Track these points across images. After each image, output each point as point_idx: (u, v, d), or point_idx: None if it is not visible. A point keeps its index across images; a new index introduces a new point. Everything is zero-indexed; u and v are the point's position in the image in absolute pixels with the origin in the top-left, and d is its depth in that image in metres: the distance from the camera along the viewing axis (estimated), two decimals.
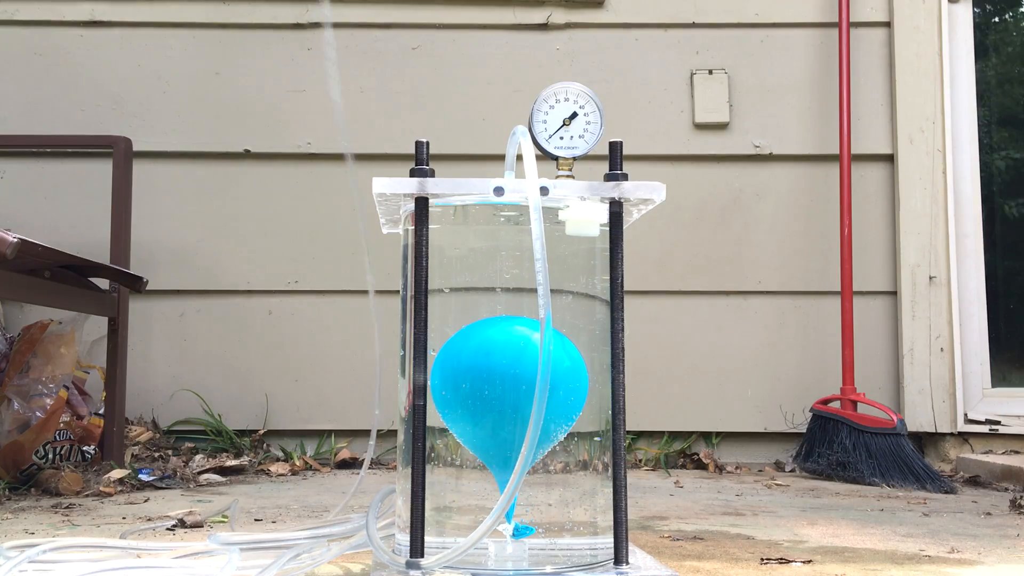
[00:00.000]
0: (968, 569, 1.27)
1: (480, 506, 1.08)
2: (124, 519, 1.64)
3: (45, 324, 2.23)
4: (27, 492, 1.96)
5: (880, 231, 2.65)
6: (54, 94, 2.67)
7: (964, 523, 1.68)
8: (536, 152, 1.07)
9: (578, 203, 1.09)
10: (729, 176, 2.68)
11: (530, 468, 1.06)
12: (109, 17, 2.69)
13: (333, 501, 1.88)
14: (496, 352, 1.03)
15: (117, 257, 2.35)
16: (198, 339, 2.62)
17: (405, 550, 1.04)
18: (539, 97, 1.13)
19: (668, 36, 2.71)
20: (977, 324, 2.66)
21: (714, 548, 1.41)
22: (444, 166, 1.15)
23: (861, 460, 2.26)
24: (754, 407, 2.61)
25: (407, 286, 1.12)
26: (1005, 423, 2.55)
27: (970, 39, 2.75)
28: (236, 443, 2.51)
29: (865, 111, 2.67)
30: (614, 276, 1.10)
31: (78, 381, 2.31)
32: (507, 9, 2.71)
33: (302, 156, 2.66)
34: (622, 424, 1.08)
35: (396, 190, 1.08)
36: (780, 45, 2.71)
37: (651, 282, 2.64)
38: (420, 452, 1.04)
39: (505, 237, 1.11)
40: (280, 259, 2.65)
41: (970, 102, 2.73)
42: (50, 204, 2.64)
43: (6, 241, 1.62)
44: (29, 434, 2.05)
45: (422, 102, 2.69)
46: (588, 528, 1.09)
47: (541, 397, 0.95)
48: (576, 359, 1.06)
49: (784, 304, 2.65)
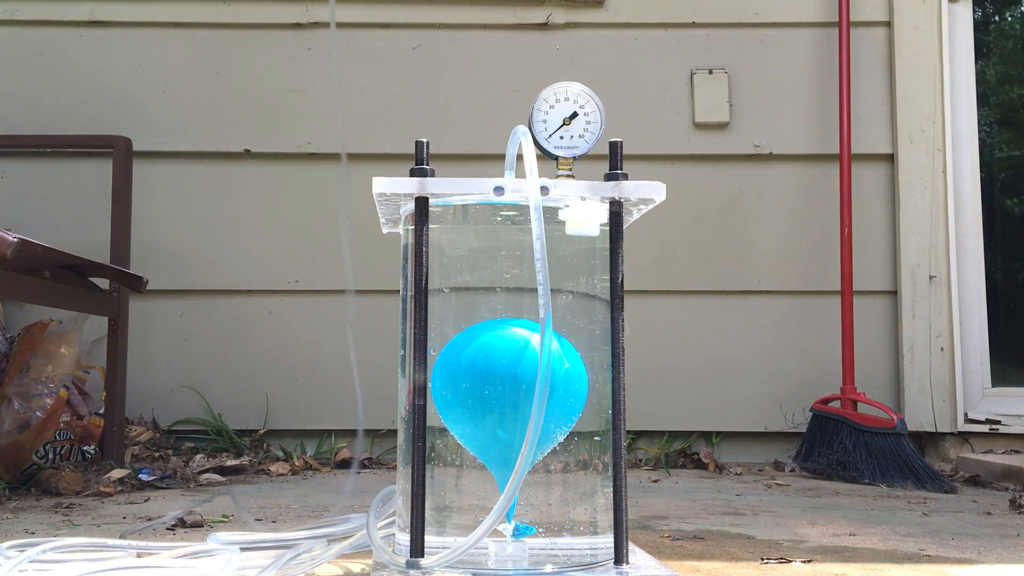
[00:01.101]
0: (968, 568, 1.28)
1: (480, 506, 1.08)
2: (124, 519, 1.64)
3: (45, 324, 2.23)
4: (27, 492, 1.96)
5: (880, 231, 2.65)
6: (54, 94, 2.67)
7: (964, 522, 1.67)
8: (536, 152, 1.07)
9: (578, 203, 1.09)
10: (729, 176, 2.68)
11: (530, 468, 1.06)
12: (109, 17, 2.69)
13: (333, 501, 1.88)
14: (496, 354, 1.03)
15: (117, 257, 2.35)
16: (198, 339, 2.62)
17: (405, 550, 1.04)
18: (539, 97, 1.13)
19: (668, 36, 2.71)
20: (977, 324, 2.66)
21: (714, 548, 1.41)
22: (444, 166, 1.14)
23: (861, 460, 2.26)
24: (754, 407, 2.61)
25: (407, 286, 1.12)
26: (1005, 423, 2.55)
27: (970, 39, 2.75)
28: (236, 443, 2.51)
29: (865, 111, 2.67)
30: (614, 276, 1.10)
31: (78, 381, 2.31)
32: (507, 9, 2.71)
33: (302, 156, 2.66)
34: (622, 424, 1.08)
35: (396, 190, 1.08)
36: (780, 45, 2.71)
37: (651, 282, 2.64)
38: (420, 452, 1.04)
39: (505, 237, 1.11)
40: (280, 259, 2.65)
41: (970, 102, 2.73)
42: (50, 204, 2.64)
43: (6, 241, 1.62)
44: (29, 434, 2.05)
45: (422, 102, 2.69)
46: (588, 528, 1.09)
47: (541, 397, 0.95)
48: (576, 361, 1.06)
49: (784, 304, 2.65)
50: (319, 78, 2.69)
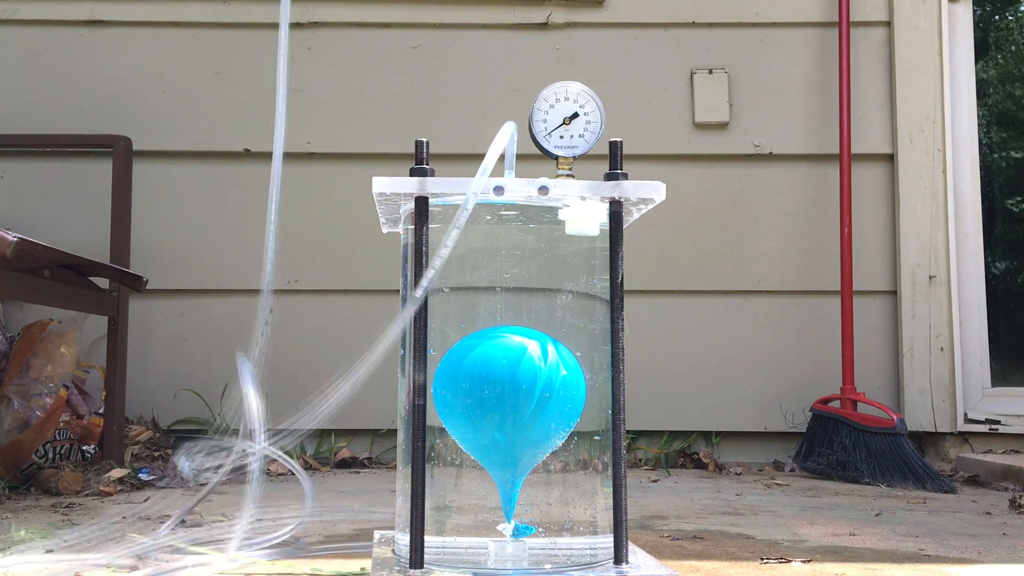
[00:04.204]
0: (967, 568, 1.28)
1: (480, 505, 1.08)
2: (124, 519, 1.64)
3: (45, 323, 2.23)
4: (27, 492, 1.96)
5: (880, 231, 2.65)
6: (54, 94, 2.67)
7: (964, 522, 1.68)
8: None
9: (578, 203, 1.09)
10: (729, 176, 2.68)
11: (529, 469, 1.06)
12: (109, 16, 2.69)
13: (333, 501, 1.88)
14: (495, 362, 1.03)
15: (117, 256, 2.35)
16: (198, 339, 2.62)
17: (405, 550, 1.04)
18: (539, 96, 1.13)
19: (668, 35, 2.71)
20: (977, 324, 2.66)
21: (714, 547, 1.41)
22: (444, 165, 1.15)
23: (861, 460, 2.26)
24: (754, 406, 2.61)
25: (407, 285, 1.12)
26: (1005, 423, 2.55)
27: (970, 39, 2.75)
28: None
29: (865, 111, 2.67)
30: (614, 276, 1.10)
31: (78, 380, 2.31)
32: (507, 8, 2.71)
33: (302, 155, 2.66)
34: (622, 423, 1.08)
35: (396, 189, 1.08)
36: (780, 44, 2.71)
37: (651, 282, 2.64)
38: (420, 452, 1.04)
39: (505, 237, 1.11)
40: (280, 259, 2.64)
41: (970, 102, 2.73)
42: (50, 204, 2.64)
43: (6, 240, 1.62)
44: (29, 433, 2.05)
45: (422, 102, 2.69)
46: (588, 527, 1.09)
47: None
48: (574, 369, 1.05)
49: (784, 303, 2.65)
50: (319, 78, 2.69)
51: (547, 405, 1.01)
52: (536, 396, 1.01)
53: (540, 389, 1.01)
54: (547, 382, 1.01)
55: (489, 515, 1.07)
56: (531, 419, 1.01)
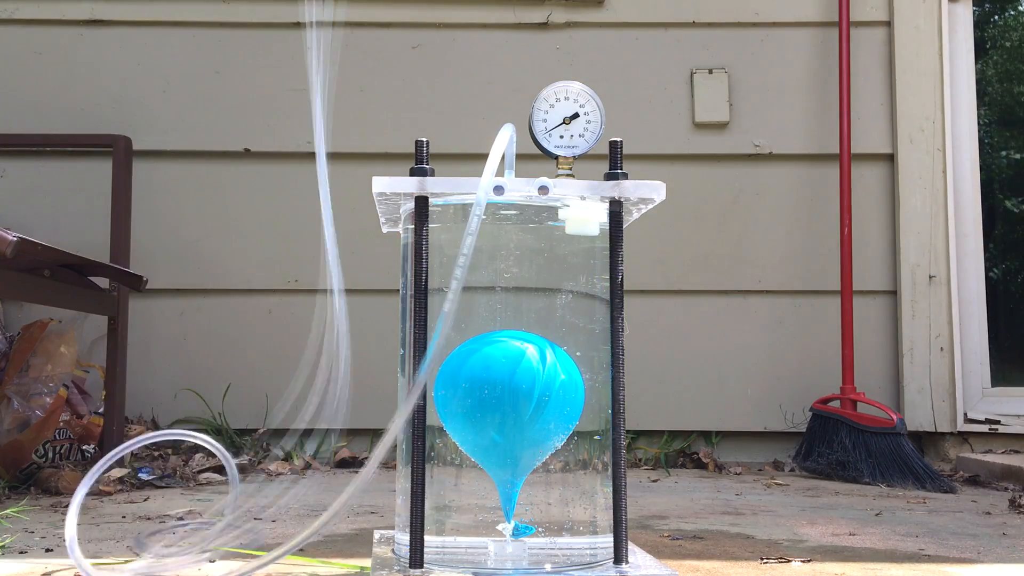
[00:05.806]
0: (967, 568, 1.28)
1: (480, 505, 1.08)
2: (124, 518, 1.64)
3: (45, 323, 2.23)
4: (27, 491, 1.96)
5: (880, 230, 2.65)
6: (54, 94, 2.67)
7: (963, 522, 1.68)
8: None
9: (578, 202, 1.09)
10: (729, 175, 2.68)
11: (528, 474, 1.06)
12: (109, 16, 2.69)
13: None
14: (494, 364, 1.03)
15: (117, 256, 2.34)
16: (198, 338, 2.62)
17: (405, 549, 1.04)
18: (539, 96, 1.13)
19: (668, 35, 2.71)
20: (977, 323, 2.66)
21: (714, 547, 1.41)
22: (444, 165, 1.15)
23: (861, 459, 2.26)
24: (754, 406, 2.61)
25: (407, 285, 1.12)
26: (1005, 422, 2.55)
27: (970, 38, 2.75)
28: (236, 442, 2.51)
29: (865, 111, 2.67)
30: (614, 275, 1.10)
31: (78, 380, 2.31)
32: (507, 8, 2.71)
33: (302, 155, 2.66)
34: (622, 423, 1.08)
35: (396, 189, 1.08)
36: (780, 44, 2.71)
37: (651, 282, 2.64)
38: (420, 452, 1.04)
39: (505, 236, 1.11)
40: (280, 259, 2.65)
41: (970, 101, 2.73)
42: (50, 204, 2.64)
43: (6, 240, 1.62)
44: (29, 433, 2.05)
45: (422, 101, 2.69)
46: (588, 527, 1.09)
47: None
48: (572, 372, 1.05)
49: (784, 303, 2.65)
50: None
51: (546, 407, 1.01)
52: (535, 398, 1.01)
53: (539, 391, 1.01)
54: (545, 385, 1.01)
55: (489, 515, 1.07)
56: (530, 421, 1.01)
